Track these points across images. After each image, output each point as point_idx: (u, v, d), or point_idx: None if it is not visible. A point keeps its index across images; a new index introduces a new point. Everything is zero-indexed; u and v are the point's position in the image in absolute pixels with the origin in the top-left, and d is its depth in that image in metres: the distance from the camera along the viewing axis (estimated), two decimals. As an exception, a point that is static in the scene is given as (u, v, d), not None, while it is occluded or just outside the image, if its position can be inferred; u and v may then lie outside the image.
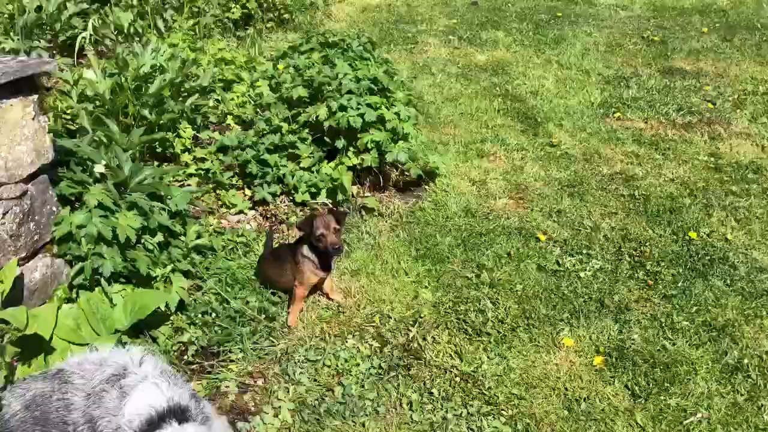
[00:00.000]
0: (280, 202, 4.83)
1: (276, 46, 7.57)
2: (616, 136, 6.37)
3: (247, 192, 4.88)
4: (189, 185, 4.68)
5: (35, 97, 3.03)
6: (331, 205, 4.79)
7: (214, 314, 3.75)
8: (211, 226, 4.44)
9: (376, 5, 10.56)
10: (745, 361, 3.68)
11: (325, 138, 4.93)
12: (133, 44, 6.17)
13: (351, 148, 4.89)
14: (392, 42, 8.81)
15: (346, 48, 5.63)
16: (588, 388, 3.49)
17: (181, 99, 5.13)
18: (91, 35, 6.49)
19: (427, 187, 5.30)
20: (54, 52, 6.46)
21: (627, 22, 9.96)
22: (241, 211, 4.73)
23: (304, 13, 9.20)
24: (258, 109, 5.52)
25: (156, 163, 4.73)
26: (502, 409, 3.33)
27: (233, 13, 7.97)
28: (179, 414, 2.76)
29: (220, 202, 4.75)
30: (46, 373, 2.96)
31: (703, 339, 3.83)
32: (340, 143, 4.85)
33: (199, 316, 3.72)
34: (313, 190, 4.82)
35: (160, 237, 3.70)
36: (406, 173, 5.24)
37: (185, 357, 3.51)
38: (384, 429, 3.17)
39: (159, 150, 4.84)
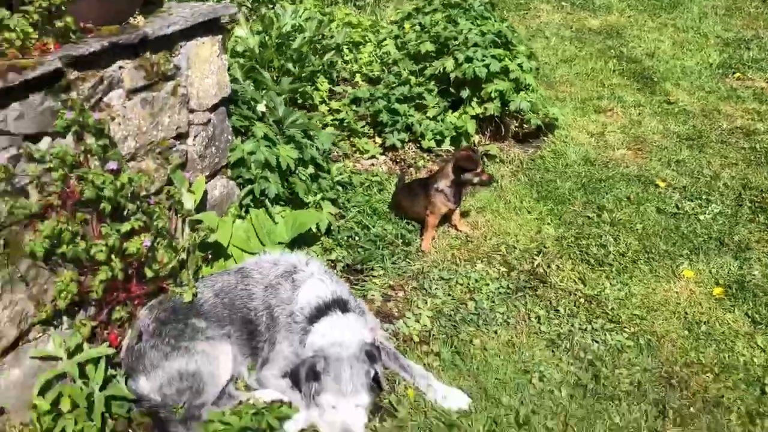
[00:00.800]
0: (408, 148, 5.24)
1: (395, 10, 7.93)
2: (736, 94, 6.36)
3: (378, 140, 5.31)
4: (326, 132, 5.16)
5: (220, 37, 3.54)
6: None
7: (357, 238, 4.20)
8: (347, 168, 4.89)
9: (487, -25, 10.74)
10: None
11: (450, 89, 5.27)
12: (269, 9, 6.72)
13: (474, 99, 5.22)
14: (504, 8, 9.00)
15: (467, 8, 5.92)
16: (708, 314, 3.68)
17: (317, 56, 5.61)
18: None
19: (545, 138, 5.55)
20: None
21: (748, -14, 9.67)
22: (372, 156, 5.17)
23: (417, -17, 9.52)
24: (384, 67, 5.93)
25: (297, 112, 5.24)
26: (625, 327, 3.59)
27: (354, -17, 8.41)
28: (341, 305, 3.22)
29: (354, 148, 5.20)
30: (228, 270, 3.50)
31: (826, 276, 3.92)
32: (464, 93, 5.19)
33: (344, 239, 4.18)
34: (438, 137, 5.20)
35: (311, 169, 4.18)
36: (525, 125, 5.49)
37: (334, 271, 3.96)
38: (515, 336, 3.51)
39: (299, 101, 5.33)
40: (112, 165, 2.79)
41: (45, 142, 2.70)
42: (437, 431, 2.95)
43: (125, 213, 3.01)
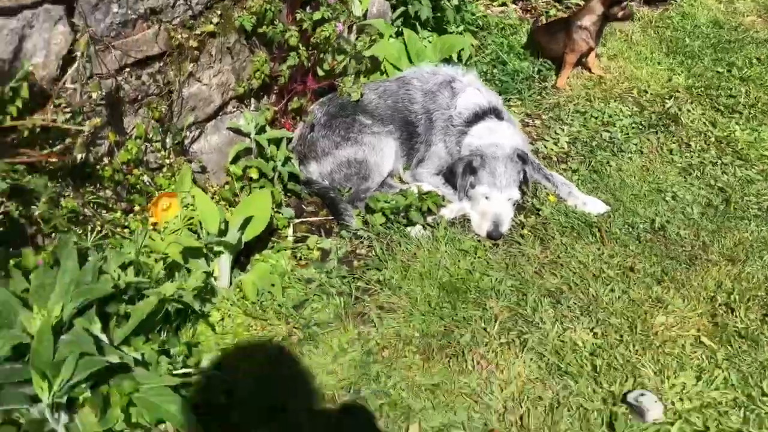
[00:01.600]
0: (539, -3, 5.33)
1: None
2: None
3: (509, -13, 5.40)
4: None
5: None
6: None
7: (494, 71, 4.41)
8: (480, 12, 5.02)
9: None
10: None
11: (586, -59, 5.26)
12: None
13: (610, -48, 5.21)
14: None
15: None
16: (838, 163, 3.81)
17: None
18: None
19: (673, 1, 5.53)
20: None
21: None
22: (503, 4, 5.27)
23: None
24: None
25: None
26: (754, 165, 3.77)
27: None
28: (496, 113, 3.49)
29: (485, -5, 5.32)
30: (389, 78, 3.78)
31: None
32: (600, -55, 5.17)
33: (482, 71, 4.39)
34: (569, -12, 5.25)
35: (456, 1, 4.35)
36: (654, -14, 5.47)
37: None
38: (648, 163, 3.74)
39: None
40: (316, -51, 3.05)
41: (257, -75, 2.96)
42: (578, 228, 3.26)
43: (311, 4, 3.29)
